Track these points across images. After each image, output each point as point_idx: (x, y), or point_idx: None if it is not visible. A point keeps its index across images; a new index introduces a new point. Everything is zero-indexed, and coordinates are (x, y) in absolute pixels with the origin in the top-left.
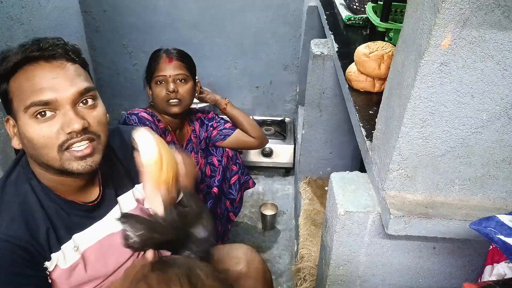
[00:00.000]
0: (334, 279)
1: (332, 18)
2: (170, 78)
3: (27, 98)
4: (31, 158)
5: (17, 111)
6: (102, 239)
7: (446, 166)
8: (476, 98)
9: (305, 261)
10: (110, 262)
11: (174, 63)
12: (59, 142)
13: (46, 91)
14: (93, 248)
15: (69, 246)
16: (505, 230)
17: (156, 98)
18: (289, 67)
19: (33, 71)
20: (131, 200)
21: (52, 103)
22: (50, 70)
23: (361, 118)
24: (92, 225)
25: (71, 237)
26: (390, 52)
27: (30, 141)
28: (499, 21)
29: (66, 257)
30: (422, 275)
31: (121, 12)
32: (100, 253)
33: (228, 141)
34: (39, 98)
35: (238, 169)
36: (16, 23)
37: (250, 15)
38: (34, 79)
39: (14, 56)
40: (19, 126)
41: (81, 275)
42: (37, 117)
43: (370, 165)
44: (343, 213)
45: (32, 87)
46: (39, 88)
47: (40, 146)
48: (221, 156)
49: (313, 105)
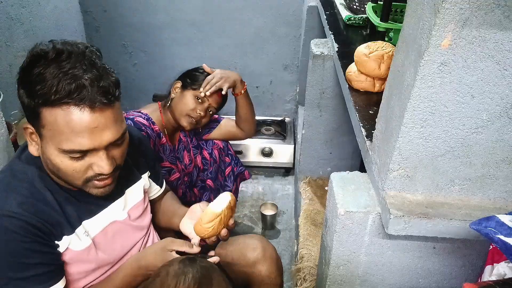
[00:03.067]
0: (334, 279)
1: (332, 18)
2: (207, 105)
3: (62, 141)
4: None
5: (46, 138)
6: (107, 226)
7: (446, 166)
8: (476, 98)
9: (305, 261)
10: (116, 248)
11: (219, 97)
12: (86, 176)
13: (85, 142)
14: (101, 234)
15: (81, 231)
16: (505, 230)
17: (183, 105)
18: (289, 67)
19: (74, 114)
20: (139, 191)
21: (89, 151)
22: (92, 119)
23: (361, 118)
24: (99, 212)
25: (81, 223)
26: (390, 52)
27: (55, 166)
28: (499, 21)
29: (81, 239)
30: (422, 275)
31: (121, 12)
32: (106, 239)
33: (214, 133)
34: (77, 148)
35: (231, 160)
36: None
37: (250, 15)
38: (74, 125)
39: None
40: (45, 148)
41: (95, 258)
42: (69, 155)
43: (370, 165)
44: (343, 213)
45: (71, 133)
46: (78, 137)
47: (65, 174)
48: (211, 149)
49: (313, 105)
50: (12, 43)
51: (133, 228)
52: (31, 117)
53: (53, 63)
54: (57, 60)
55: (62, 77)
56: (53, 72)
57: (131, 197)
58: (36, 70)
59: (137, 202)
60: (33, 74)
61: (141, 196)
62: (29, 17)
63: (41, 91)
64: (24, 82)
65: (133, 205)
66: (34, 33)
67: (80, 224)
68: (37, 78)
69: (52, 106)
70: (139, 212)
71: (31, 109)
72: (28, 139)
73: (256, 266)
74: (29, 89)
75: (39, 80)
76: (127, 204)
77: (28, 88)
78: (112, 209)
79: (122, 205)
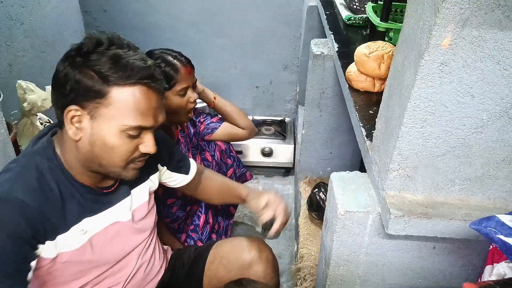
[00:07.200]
0: (334, 279)
1: (332, 18)
2: (190, 87)
3: (129, 118)
4: (76, 151)
5: (106, 117)
6: (109, 226)
7: (446, 166)
8: (476, 98)
9: (305, 261)
10: (116, 249)
11: (191, 71)
12: (133, 156)
13: (149, 119)
14: (101, 234)
15: (77, 229)
16: (505, 230)
17: (180, 109)
18: (289, 67)
19: (144, 94)
20: (145, 192)
21: (147, 129)
22: (155, 100)
23: (361, 118)
24: (103, 211)
25: (81, 220)
26: (390, 52)
27: (105, 146)
28: (499, 21)
29: (75, 239)
30: (422, 275)
31: (121, 12)
32: (106, 239)
33: (216, 134)
34: (142, 124)
35: (233, 162)
36: (16, 23)
37: (250, 15)
38: (142, 104)
39: (135, 70)
40: (97, 129)
41: (90, 258)
42: (127, 133)
43: (370, 165)
44: (343, 213)
45: (137, 111)
46: (145, 114)
47: (115, 153)
48: (214, 150)
49: (313, 105)
50: (12, 43)
51: (135, 230)
52: (89, 98)
53: (115, 48)
54: (118, 46)
55: (137, 59)
56: (122, 55)
57: (137, 197)
58: (103, 53)
59: (142, 203)
60: (101, 56)
61: (146, 198)
62: (29, 17)
63: (113, 71)
64: (85, 66)
65: (137, 206)
66: (34, 33)
67: (79, 221)
68: (109, 59)
69: (124, 85)
70: (143, 214)
71: (95, 90)
72: (68, 124)
73: (252, 267)
74: (95, 70)
75: (112, 61)
76: (133, 204)
77: (93, 69)
78: (117, 209)
79: (128, 206)
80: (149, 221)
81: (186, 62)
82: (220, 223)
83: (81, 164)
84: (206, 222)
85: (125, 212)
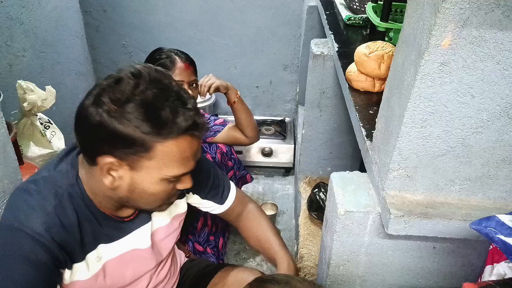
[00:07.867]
0: (334, 279)
1: (332, 18)
2: (187, 84)
3: (173, 168)
4: (108, 191)
5: (148, 169)
6: (125, 253)
7: (446, 166)
8: (476, 98)
9: (305, 261)
10: (127, 274)
11: (189, 68)
12: (171, 194)
13: (191, 164)
14: (115, 260)
15: (92, 256)
16: (505, 230)
17: None
18: (289, 67)
19: (187, 143)
20: (166, 216)
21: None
22: (197, 144)
23: (361, 118)
24: (121, 238)
25: (97, 247)
26: (390, 52)
27: (145, 193)
28: (499, 21)
29: (90, 267)
30: (422, 275)
31: (121, 12)
32: (119, 265)
33: (219, 137)
34: (186, 171)
35: (234, 164)
36: (16, 23)
37: (250, 15)
38: (186, 152)
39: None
40: (137, 179)
41: (101, 285)
42: (169, 179)
43: (370, 165)
44: (343, 213)
45: (182, 160)
46: (188, 160)
47: (154, 196)
48: (215, 152)
49: (313, 105)
50: (12, 43)
51: (152, 255)
52: (131, 152)
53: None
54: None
55: (179, 106)
56: (164, 106)
57: (157, 220)
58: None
59: (161, 225)
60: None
61: (167, 221)
62: (29, 17)
63: (156, 126)
64: (125, 118)
65: (157, 228)
66: (34, 33)
67: (95, 248)
68: (148, 111)
69: (169, 139)
70: (162, 236)
71: (138, 144)
72: (104, 174)
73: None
74: (136, 125)
75: (152, 115)
76: (153, 228)
77: (134, 124)
78: (136, 236)
79: (148, 232)
80: (168, 244)
81: (185, 59)
82: (218, 224)
83: (111, 199)
84: (204, 225)
85: (144, 239)
